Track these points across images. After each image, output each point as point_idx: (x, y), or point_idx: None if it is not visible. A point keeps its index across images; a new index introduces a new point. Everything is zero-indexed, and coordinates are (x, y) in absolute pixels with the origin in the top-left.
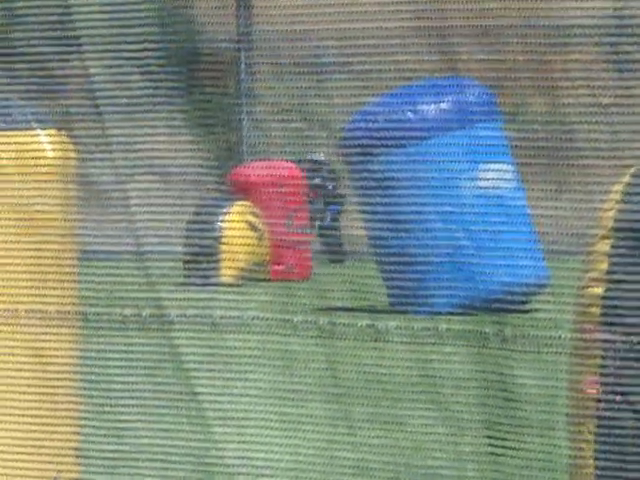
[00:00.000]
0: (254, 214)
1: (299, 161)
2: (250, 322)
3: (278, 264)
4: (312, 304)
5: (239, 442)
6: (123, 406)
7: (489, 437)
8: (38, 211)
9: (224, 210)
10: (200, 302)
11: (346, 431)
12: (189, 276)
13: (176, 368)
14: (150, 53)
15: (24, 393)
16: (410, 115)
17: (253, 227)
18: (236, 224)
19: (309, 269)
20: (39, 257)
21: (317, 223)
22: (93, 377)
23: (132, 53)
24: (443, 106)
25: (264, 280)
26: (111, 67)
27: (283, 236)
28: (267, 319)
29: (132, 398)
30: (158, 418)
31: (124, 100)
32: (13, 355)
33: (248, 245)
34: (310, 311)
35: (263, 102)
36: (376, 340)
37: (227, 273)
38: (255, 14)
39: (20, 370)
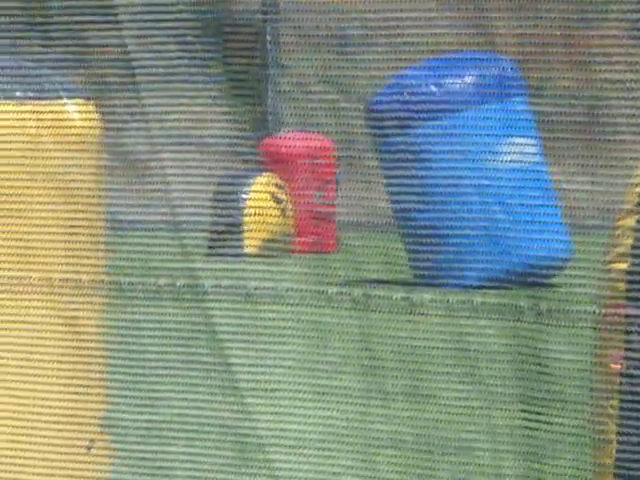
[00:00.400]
0: (278, 186)
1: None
2: (284, 293)
3: (303, 236)
4: (346, 275)
5: (272, 414)
6: (156, 376)
7: (523, 411)
8: (72, 180)
9: (250, 181)
10: (234, 273)
11: (380, 404)
12: (212, 246)
13: (210, 339)
14: (185, 23)
15: (57, 362)
16: (434, 89)
17: (276, 199)
18: (259, 195)
19: (335, 242)
20: (73, 226)
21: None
22: (126, 347)
23: (168, 23)
24: (469, 80)
25: (287, 252)
26: (147, 37)
27: (310, 208)
28: (301, 290)
29: (165, 368)
30: (191, 388)
31: (160, 70)
32: (47, 324)
33: (271, 217)
34: (344, 283)
35: (289, 74)
36: (411, 313)
37: (250, 244)
38: None
39: (53, 339)
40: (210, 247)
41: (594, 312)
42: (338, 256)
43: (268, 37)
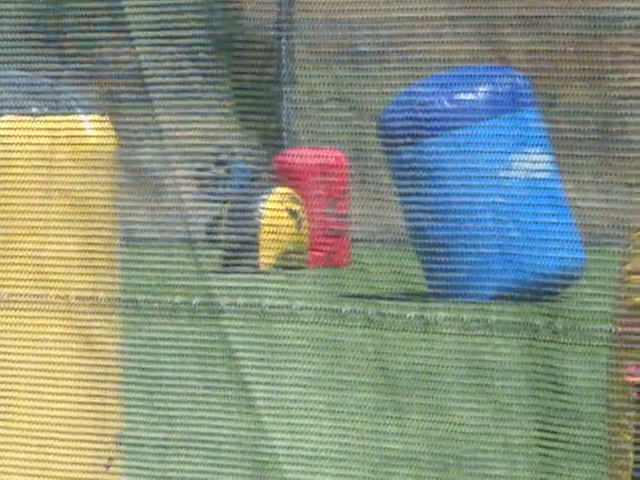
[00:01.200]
0: (294, 200)
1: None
2: (299, 312)
3: (317, 250)
4: (359, 290)
5: (288, 431)
6: (172, 394)
7: (539, 429)
8: (88, 197)
9: (264, 196)
10: (249, 290)
11: (395, 422)
12: (227, 262)
13: (225, 356)
14: (199, 39)
15: (74, 380)
16: (445, 102)
17: (292, 213)
18: (275, 210)
19: (348, 256)
20: (89, 244)
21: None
22: (143, 364)
23: (182, 39)
24: (480, 94)
25: (302, 267)
26: (161, 53)
27: (324, 223)
28: (315, 309)
29: (181, 386)
30: (207, 406)
31: (174, 86)
32: (64, 342)
33: (286, 230)
34: (358, 301)
35: (305, 91)
36: (425, 331)
37: (265, 259)
38: (296, 1)
39: (70, 357)
40: (225, 262)
41: (610, 330)
42: (351, 272)
43: (282, 53)
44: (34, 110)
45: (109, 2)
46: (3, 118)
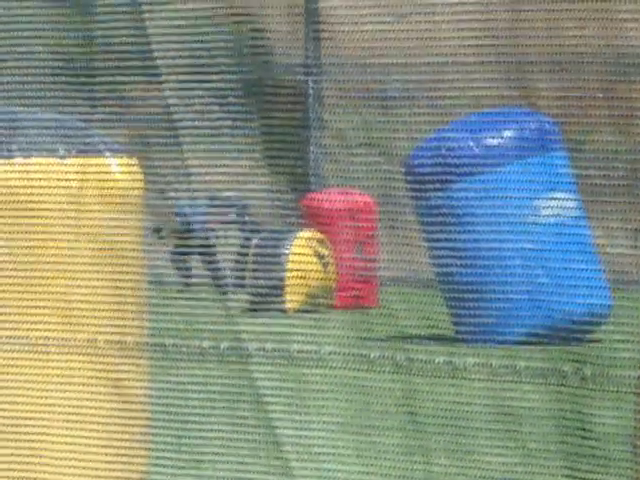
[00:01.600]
0: (320, 242)
1: (211, 198)
2: (327, 357)
3: (345, 291)
4: (387, 334)
5: (316, 476)
6: (200, 438)
7: (566, 475)
8: (116, 240)
9: (291, 238)
10: (277, 335)
11: (422, 466)
12: (254, 304)
13: (253, 401)
14: (228, 84)
15: (102, 424)
16: (472, 146)
17: (319, 255)
18: (302, 252)
19: (376, 298)
20: (117, 287)
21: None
22: (171, 409)
23: (211, 83)
24: (508, 138)
25: (329, 307)
26: (190, 97)
27: (352, 267)
28: (344, 354)
29: (210, 430)
30: (235, 450)
31: (204, 130)
32: (91, 385)
33: (314, 273)
34: (387, 346)
35: (333, 136)
36: (454, 377)
37: (292, 301)
38: (324, 46)
39: (98, 400)
40: (252, 305)
41: (638, 377)
42: (379, 316)
43: (310, 97)
44: (61, 152)
45: (139, 46)
46: (32, 160)
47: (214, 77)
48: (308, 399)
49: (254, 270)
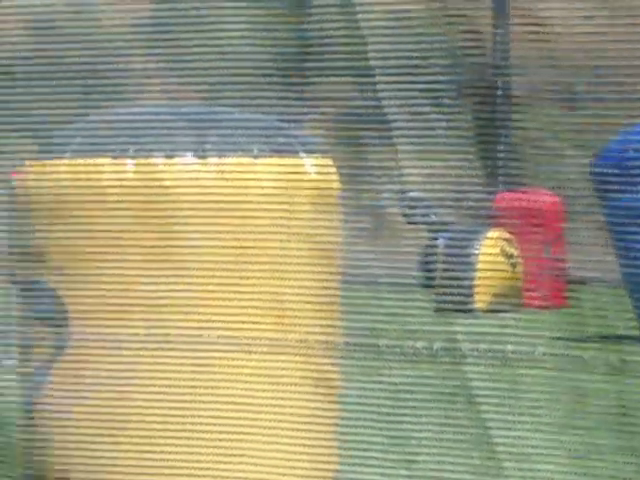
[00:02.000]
0: (509, 241)
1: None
2: (541, 357)
3: (534, 291)
4: (598, 334)
5: (530, 477)
6: (412, 438)
7: None
8: (324, 241)
9: (481, 237)
10: (490, 336)
11: (635, 467)
12: (440, 302)
13: (467, 402)
14: (442, 85)
15: (309, 423)
16: None
17: (507, 255)
18: (490, 251)
19: (564, 298)
20: (326, 287)
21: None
22: (383, 409)
23: (425, 85)
24: None
25: (518, 307)
26: (405, 98)
27: (540, 266)
28: (557, 355)
29: (422, 431)
30: (448, 451)
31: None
32: (299, 385)
33: (502, 273)
34: (600, 347)
35: (520, 135)
36: None
37: (481, 300)
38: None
39: (308, 400)
40: (440, 305)
41: None
42: (590, 317)
43: (499, 92)
44: (255, 151)
45: (352, 46)
46: (231, 160)
47: (427, 78)
48: (522, 400)
49: (444, 270)
